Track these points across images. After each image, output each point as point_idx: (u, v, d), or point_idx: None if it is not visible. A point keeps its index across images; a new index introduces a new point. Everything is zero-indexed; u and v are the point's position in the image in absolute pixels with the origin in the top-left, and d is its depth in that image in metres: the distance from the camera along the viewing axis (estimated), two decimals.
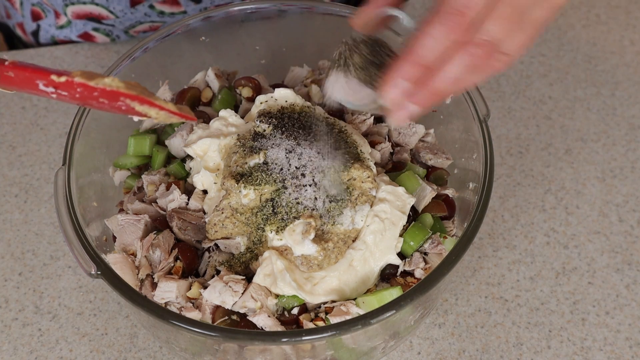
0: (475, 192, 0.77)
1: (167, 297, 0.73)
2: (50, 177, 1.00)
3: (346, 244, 0.74)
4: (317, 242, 0.73)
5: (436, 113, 0.90)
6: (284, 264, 0.73)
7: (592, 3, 1.21)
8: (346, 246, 0.75)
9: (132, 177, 0.87)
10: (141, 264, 0.77)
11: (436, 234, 0.79)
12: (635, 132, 1.05)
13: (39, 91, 0.65)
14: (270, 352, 0.72)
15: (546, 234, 0.94)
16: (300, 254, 0.73)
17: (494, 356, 0.84)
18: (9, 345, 0.85)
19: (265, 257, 0.74)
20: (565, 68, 1.13)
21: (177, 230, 0.78)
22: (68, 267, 0.92)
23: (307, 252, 0.73)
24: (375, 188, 0.76)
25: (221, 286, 0.73)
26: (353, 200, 0.75)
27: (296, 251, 0.73)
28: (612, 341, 0.85)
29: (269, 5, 0.92)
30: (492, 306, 0.88)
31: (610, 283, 0.90)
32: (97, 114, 0.82)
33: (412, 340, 0.85)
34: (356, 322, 0.66)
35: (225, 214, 0.75)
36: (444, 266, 0.69)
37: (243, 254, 0.76)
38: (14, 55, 1.14)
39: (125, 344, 0.85)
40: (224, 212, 0.75)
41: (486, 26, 0.57)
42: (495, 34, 0.57)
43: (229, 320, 0.73)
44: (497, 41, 0.58)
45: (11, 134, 1.05)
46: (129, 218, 0.79)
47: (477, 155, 0.79)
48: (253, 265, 0.76)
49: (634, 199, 0.97)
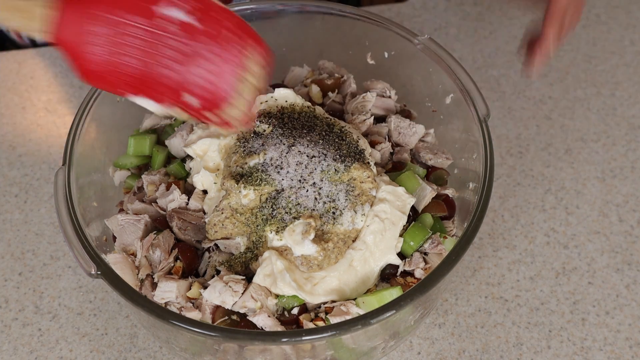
0: (475, 192, 0.77)
1: (167, 297, 0.73)
2: (50, 177, 1.00)
3: (346, 244, 0.74)
4: (317, 242, 0.73)
5: (436, 113, 0.90)
6: (284, 264, 0.73)
7: (592, 3, 1.21)
8: (346, 246, 0.74)
9: (132, 177, 0.87)
10: (141, 264, 0.77)
11: (436, 234, 0.78)
12: (635, 132, 1.05)
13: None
14: (270, 352, 0.72)
15: (546, 234, 0.94)
16: (300, 254, 0.73)
17: (494, 356, 0.84)
18: (9, 345, 0.85)
19: (265, 257, 0.74)
20: (565, 68, 1.13)
21: (177, 230, 0.78)
22: (68, 267, 0.92)
23: (307, 253, 0.73)
24: (375, 188, 0.76)
25: (221, 286, 0.73)
26: (353, 201, 0.75)
27: (296, 251, 0.73)
28: (612, 341, 0.85)
29: (268, 5, 0.92)
30: (492, 306, 0.88)
31: (610, 283, 0.90)
32: (97, 114, 0.82)
33: (412, 340, 0.85)
34: (356, 322, 0.66)
35: (225, 214, 0.75)
36: (444, 266, 0.69)
37: (243, 254, 0.76)
38: (13, 55, 1.14)
39: (125, 344, 0.85)
40: (223, 212, 0.75)
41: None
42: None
43: (229, 320, 0.73)
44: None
45: (11, 134, 1.05)
46: (129, 218, 0.79)
47: (477, 155, 0.79)
48: (253, 265, 0.76)
49: (634, 199, 0.97)
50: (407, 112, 0.90)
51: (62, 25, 0.60)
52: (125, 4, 0.61)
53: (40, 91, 1.10)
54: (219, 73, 0.63)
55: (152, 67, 0.62)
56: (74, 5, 0.60)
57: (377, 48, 0.93)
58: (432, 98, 0.90)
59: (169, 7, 0.61)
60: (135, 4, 0.61)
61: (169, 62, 0.62)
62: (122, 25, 0.60)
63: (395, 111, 0.90)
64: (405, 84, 0.93)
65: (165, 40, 0.61)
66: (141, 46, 0.61)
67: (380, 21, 0.89)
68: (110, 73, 0.62)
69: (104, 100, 0.83)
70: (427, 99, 0.91)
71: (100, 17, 0.60)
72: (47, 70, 1.12)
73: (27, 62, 1.13)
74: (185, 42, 0.62)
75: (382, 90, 0.91)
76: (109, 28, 0.61)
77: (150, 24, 0.60)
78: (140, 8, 0.61)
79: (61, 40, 0.61)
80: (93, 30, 0.60)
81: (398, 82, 0.93)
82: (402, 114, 0.89)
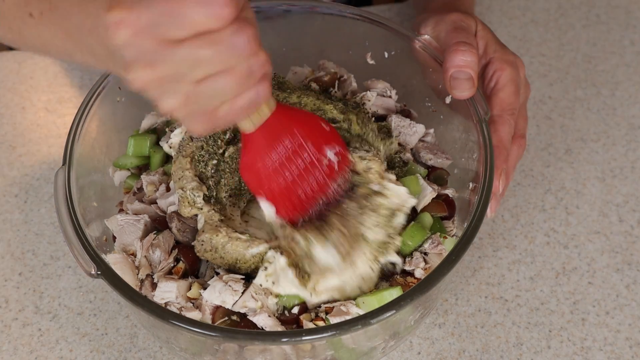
0: (475, 192, 0.77)
1: (167, 298, 0.73)
2: (50, 177, 1.00)
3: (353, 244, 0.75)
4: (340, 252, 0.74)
5: (436, 113, 0.90)
6: (286, 261, 0.73)
7: (592, 3, 1.21)
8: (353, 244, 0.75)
9: (132, 177, 0.87)
10: (141, 264, 0.77)
11: (436, 234, 0.78)
12: (635, 132, 1.05)
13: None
14: (270, 352, 0.72)
15: (546, 234, 0.94)
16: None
17: (494, 356, 0.84)
18: (9, 345, 0.85)
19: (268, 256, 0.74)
20: (565, 68, 1.13)
21: (176, 231, 0.78)
22: (68, 267, 0.92)
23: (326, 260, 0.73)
24: (380, 184, 0.76)
25: (221, 285, 0.73)
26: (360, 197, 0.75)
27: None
28: (612, 341, 0.85)
29: (269, 5, 0.92)
30: (492, 306, 0.88)
31: (610, 283, 0.90)
32: (97, 114, 0.82)
33: (412, 340, 0.85)
34: (356, 322, 0.66)
35: (205, 247, 0.75)
36: (444, 266, 0.69)
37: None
38: (13, 55, 1.14)
39: (125, 344, 0.85)
40: (203, 245, 0.75)
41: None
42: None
43: (229, 320, 0.73)
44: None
45: (11, 134, 1.05)
46: (129, 218, 0.79)
47: (477, 155, 0.79)
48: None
49: (634, 199, 0.97)
50: (407, 112, 0.90)
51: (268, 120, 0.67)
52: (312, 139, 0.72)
53: (40, 91, 1.10)
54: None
55: (295, 187, 0.71)
56: (279, 115, 0.67)
57: (377, 48, 0.93)
58: (432, 98, 0.90)
59: (330, 149, 0.73)
60: (318, 142, 0.72)
61: (308, 188, 0.72)
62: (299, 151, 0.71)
63: (395, 111, 0.90)
64: (405, 84, 0.93)
65: (315, 172, 0.72)
66: (300, 170, 0.71)
67: (380, 21, 0.89)
68: (264, 177, 0.70)
69: (104, 100, 0.83)
70: (427, 99, 0.91)
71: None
72: (47, 70, 1.12)
73: (27, 62, 1.13)
74: (323, 176, 0.73)
75: (382, 89, 0.91)
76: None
77: (318, 158, 0.72)
78: (319, 146, 0.72)
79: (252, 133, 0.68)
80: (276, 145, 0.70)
81: (398, 82, 0.93)
82: (402, 113, 0.89)
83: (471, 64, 0.78)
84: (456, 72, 0.78)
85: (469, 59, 0.78)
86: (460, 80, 0.78)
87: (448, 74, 0.79)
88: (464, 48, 0.78)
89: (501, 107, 0.81)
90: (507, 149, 0.80)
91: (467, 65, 0.78)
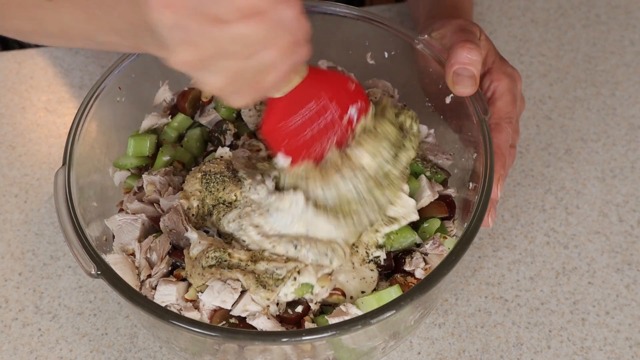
0: (475, 192, 0.77)
1: (167, 300, 0.73)
2: (50, 177, 1.00)
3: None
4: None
5: (436, 113, 0.90)
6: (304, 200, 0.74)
7: (592, 3, 1.21)
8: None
9: (132, 177, 0.87)
10: (141, 265, 0.76)
11: (437, 234, 0.79)
12: (635, 132, 1.05)
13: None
14: (271, 352, 0.72)
15: (546, 234, 0.94)
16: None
17: (494, 356, 0.84)
18: (9, 345, 0.85)
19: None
20: (565, 68, 1.13)
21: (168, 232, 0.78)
22: (68, 267, 0.92)
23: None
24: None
25: (219, 285, 0.72)
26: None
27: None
28: (612, 341, 0.85)
29: None
30: (492, 306, 0.88)
31: (610, 283, 0.90)
32: (97, 114, 0.82)
33: (412, 340, 0.85)
34: (356, 322, 0.66)
35: (196, 270, 0.74)
36: (444, 266, 0.69)
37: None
38: (13, 55, 1.14)
39: (125, 344, 0.85)
40: (194, 267, 0.74)
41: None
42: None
43: (227, 324, 0.73)
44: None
45: (11, 134, 1.05)
46: (127, 218, 0.79)
47: (477, 155, 0.79)
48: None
49: (634, 199, 0.97)
50: None
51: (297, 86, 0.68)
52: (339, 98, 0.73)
53: (40, 91, 1.10)
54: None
55: (313, 143, 0.73)
56: (309, 79, 0.69)
57: (377, 48, 0.93)
58: (432, 98, 0.90)
59: (354, 105, 0.74)
60: (344, 101, 0.74)
61: (326, 142, 0.74)
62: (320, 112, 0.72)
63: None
64: (405, 84, 0.93)
65: (335, 128, 0.73)
66: (320, 128, 0.72)
67: (380, 21, 0.89)
68: (284, 136, 0.72)
69: (104, 100, 0.83)
70: (427, 99, 0.91)
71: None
72: (47, 70, 1.12)
73: (27, 62, 1.13)
74: (342, 130, 0.74)
75: (384, 89, 0.91)
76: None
77: (341, 115, 0.73)
78: (344, 106, 0.73)
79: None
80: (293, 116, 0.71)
81: (398, 82, 0.93)
82: None
83: (475, 63, 0.78)
84: (460, 69, 0.78)
85: (474, 58, 0.78)
86: (463, 77, 0.79)
87: (452, 69, 0.79)
88: (470, 46, 0.79)
89: (498, 115, 0.82)
90: (504, 156, 0.80)
91: (471, 63, 0.78)
